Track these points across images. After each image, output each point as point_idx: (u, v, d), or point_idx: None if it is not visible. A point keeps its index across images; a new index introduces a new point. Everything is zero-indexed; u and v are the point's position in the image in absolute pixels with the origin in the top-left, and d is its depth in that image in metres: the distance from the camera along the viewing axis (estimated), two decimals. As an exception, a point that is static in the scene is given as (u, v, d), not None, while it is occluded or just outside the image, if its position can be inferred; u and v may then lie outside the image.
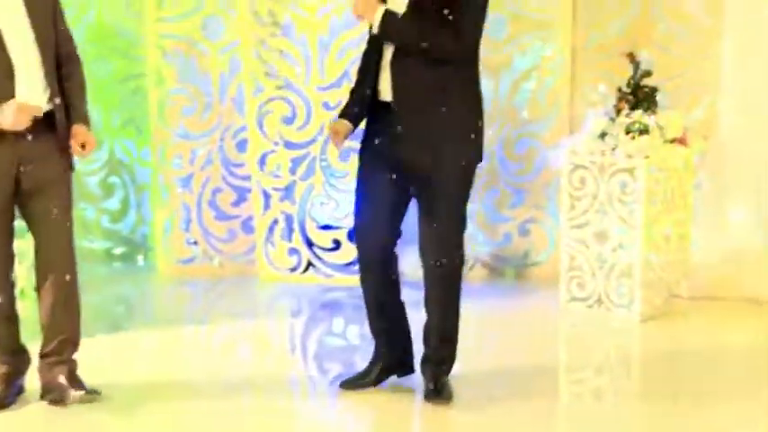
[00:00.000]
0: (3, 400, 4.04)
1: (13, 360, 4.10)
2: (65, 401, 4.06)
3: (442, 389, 4.14)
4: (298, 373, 4.58)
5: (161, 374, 4.49)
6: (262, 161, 5.95)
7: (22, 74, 3.88)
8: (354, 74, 4.31)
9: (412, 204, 4.12)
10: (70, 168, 4.06)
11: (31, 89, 3.90)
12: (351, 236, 5.66)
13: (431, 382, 4.16)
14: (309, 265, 5.98)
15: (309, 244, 5.98)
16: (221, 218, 6.13)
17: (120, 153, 6.35)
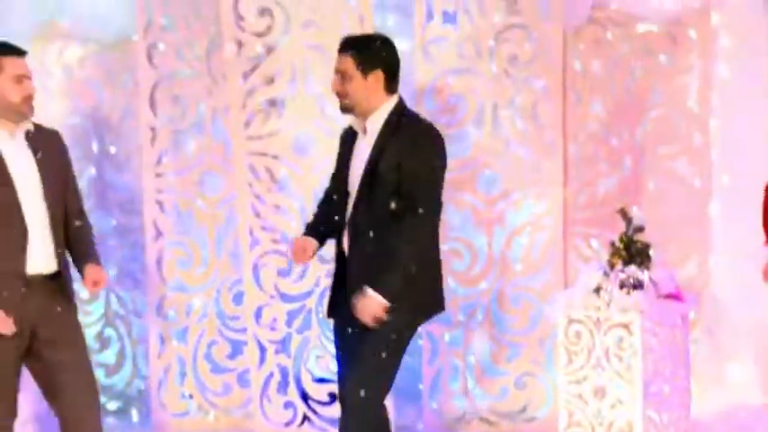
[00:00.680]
0: None
1: None
2: None
3: None
4: None
5: None
6: (258, 314, 5.94)
7: (35, 239, 4.16)
8: None
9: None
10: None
11: (42, 253, 4.21)
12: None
13: None
14: (305, 418, 5.93)
15: (305, 397, 5.94)
16: (217, 371, 6.10)
17: (116, 305, 6.35)
